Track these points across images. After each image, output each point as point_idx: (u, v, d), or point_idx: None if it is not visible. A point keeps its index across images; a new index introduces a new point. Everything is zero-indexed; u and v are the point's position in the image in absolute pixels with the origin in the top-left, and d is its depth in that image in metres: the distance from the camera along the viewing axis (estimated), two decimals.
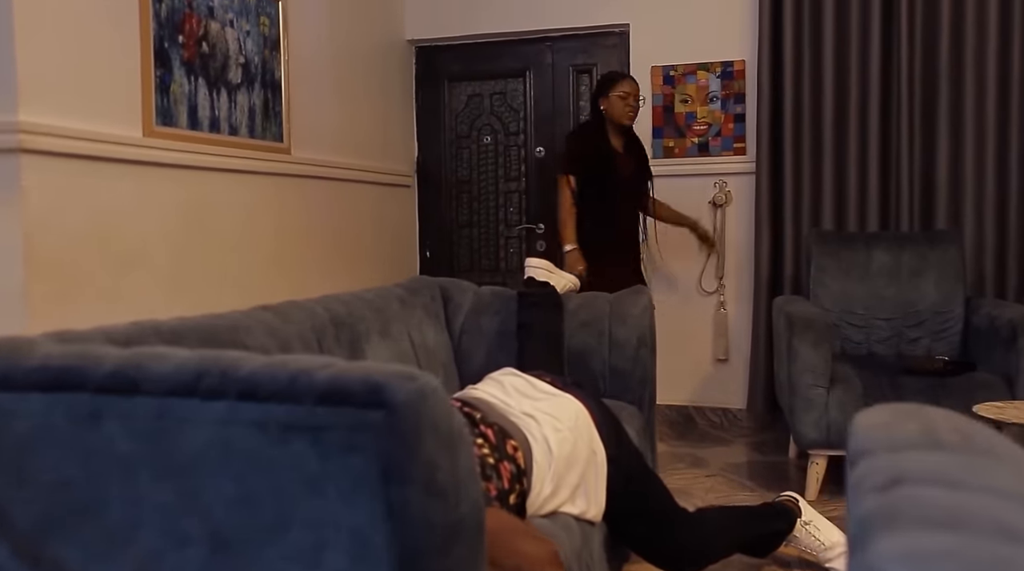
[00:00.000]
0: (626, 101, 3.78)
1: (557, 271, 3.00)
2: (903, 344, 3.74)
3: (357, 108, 4.47)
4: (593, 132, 3.87)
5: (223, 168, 3.41)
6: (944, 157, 4.07)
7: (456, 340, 3.02)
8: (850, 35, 4.19)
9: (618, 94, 3.78)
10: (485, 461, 1.76)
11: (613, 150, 3.81)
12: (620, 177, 3.78)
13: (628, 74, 3.96)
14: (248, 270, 3.54)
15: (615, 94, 3.78)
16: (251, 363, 1.27)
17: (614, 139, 3.83)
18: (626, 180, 3.80)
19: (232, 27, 3.49)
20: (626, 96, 3.78)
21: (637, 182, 3.87)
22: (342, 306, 2.48)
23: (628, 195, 3.84)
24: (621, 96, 3.78)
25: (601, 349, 2.86)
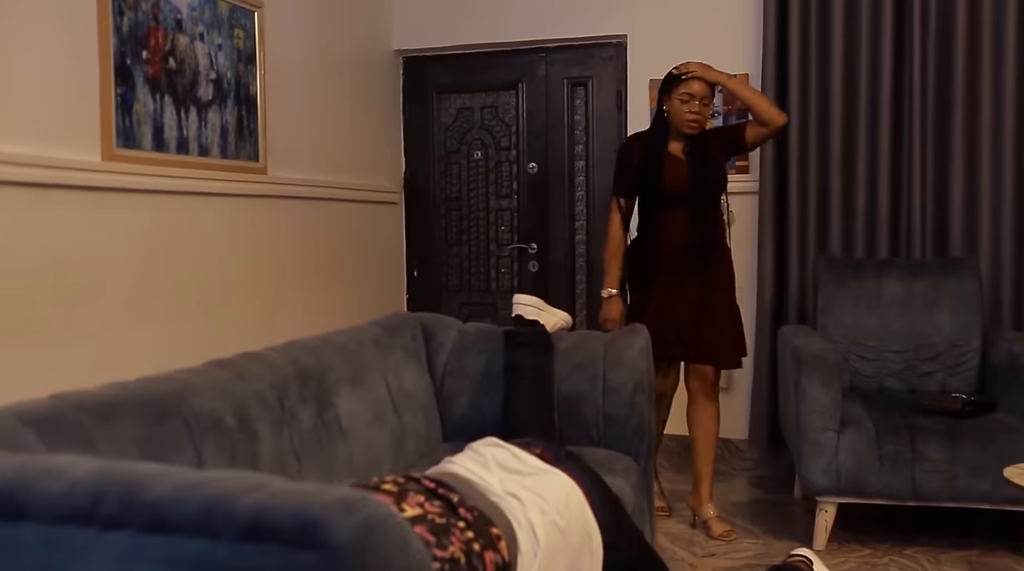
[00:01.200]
0: (689, 105, 3.16)
1: (547, 308, 2.78)
2: (916, 378, 3.52)
3: (340, 123, 4.25)
4: (643, 137, 3.35)
5: (192, 191, 3.19)
6: (959, 178, 3.86)
7: (438, 382, 2.80)
8: (860, 47, 3.97)
9: (680, 96, 3.19)
10: (471, 547, 1.54)
11: (664, 156, 3.22)
12: (667, 187, 3.19)
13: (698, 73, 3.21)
14: (220, 300, 3.32)
15: (677, 96, 3.19)
16: (160, 484, 1.05)
17: (674, 144, 3.25)
18: (677, 190, 3.18)
19: (202, 41, 3.27)
20: (689, 99, 3.17)
21: (697, 192, 3.19)
22: (308, 355, 2.25)
23: (680, 207, 3.19)
24: (683, 99, 3.18)
25: (594, 394, 2.64)
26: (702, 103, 3.19)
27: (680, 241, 3.20)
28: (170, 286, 3.06)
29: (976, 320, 3.51)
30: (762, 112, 3.18)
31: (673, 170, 3.20)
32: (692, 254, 3.20)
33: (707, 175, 3.21)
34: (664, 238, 3.23)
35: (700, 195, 3.20)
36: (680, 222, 3.20)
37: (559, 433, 2.65)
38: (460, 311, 4.85)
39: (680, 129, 3.21)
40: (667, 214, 3.22)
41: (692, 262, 3.20)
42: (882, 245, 3.94)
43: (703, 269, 3.22)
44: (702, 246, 3.20)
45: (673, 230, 3.21)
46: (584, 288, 4.67)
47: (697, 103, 3.17)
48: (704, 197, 3.22)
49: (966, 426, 3.00)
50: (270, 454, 1.92)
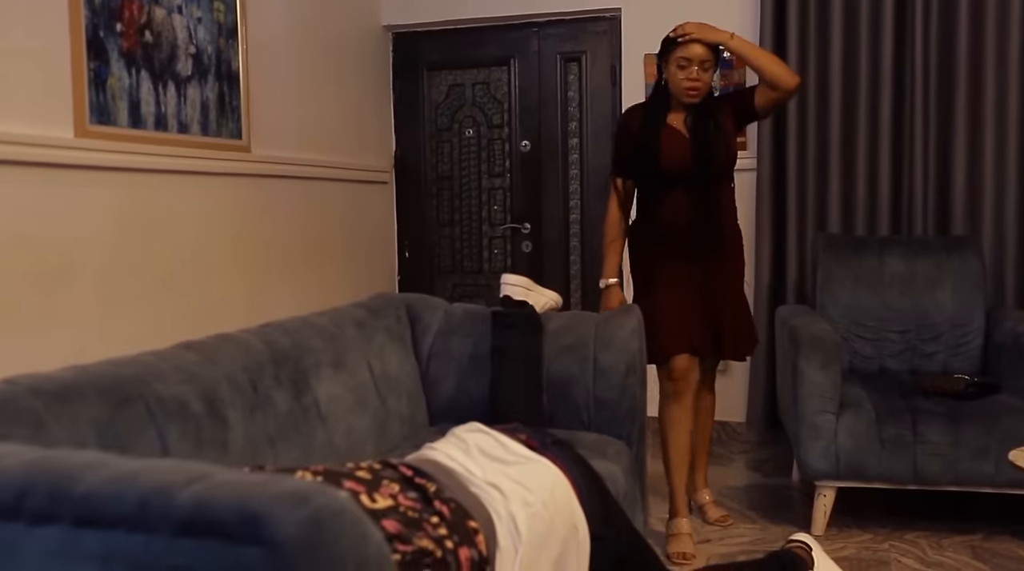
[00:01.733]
0: (686, 71, 2.81)
1: (536, 288, 2.68)
2: (917, 359, 3.43)
3: (327, 100, 4.14)
4: (640, 108, 3.02)
5: (171, 170, 3.09)
6: (962, 154, 3.76)
7: (424, 365, 2.71)
8: (860, 17, 3.86)
9: (676, 62, 2.83)
10: (444, 545, 1.45)
11: (662, 130, 2.87)
12: (665, 164, 2.85)
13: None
14: (201, 283, 3.22)
15: (673, 61, 2.84)
16: (94, 476, 0.96)
17: (674, 116, 2.90)
18: (676, 167, 2.84)
19: (180, 14, 3.16)
20: (686, 65, 2.80)
21: (699, 169, 2.85)
22: (285, 337, 2.16)
23: (680, 187, 2.86)
24: (680, 65, 2.82)
25: (585, 377, 2.55)
26: (701, 68, 2.82)
27: (681, 225, 2.87)
28: (148, 268, 2.97)
29: (979, 299, 3.41)
30: (770, 73, 2.81)
31: (672, 145, 2.85)
32: (696, 239, 2.87)
33: (710, 150, 2.84)
34: (664, 221, 2.90)
35: (702, 173, 2.84)
36: (681, 203, 2.86)
37: (548, 416, 2.56)
38: (453, 292, 4.77)
39: (679, 98, 2.87)
40: (667, 194, 2.88)
41: (696, 248, 2.88)
42: (883, 223, 3.84)
43: (709, 255, 2.90)
44: (706, 230, 2.87)
45: (673, 213, 2.88)
46: (578, 268, 4.57)
47: (695, 68, 2.81)
48: (706, 175, 2.85)
49: (969, 408, 2.91)
50: (241, 439, 1.83)
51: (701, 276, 2.90)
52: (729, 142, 2.91)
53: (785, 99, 2.97)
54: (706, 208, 2.88)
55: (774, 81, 2.82)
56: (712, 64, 2.87)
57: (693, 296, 2.89)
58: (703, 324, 2.91)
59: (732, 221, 3.01)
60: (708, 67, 2.85)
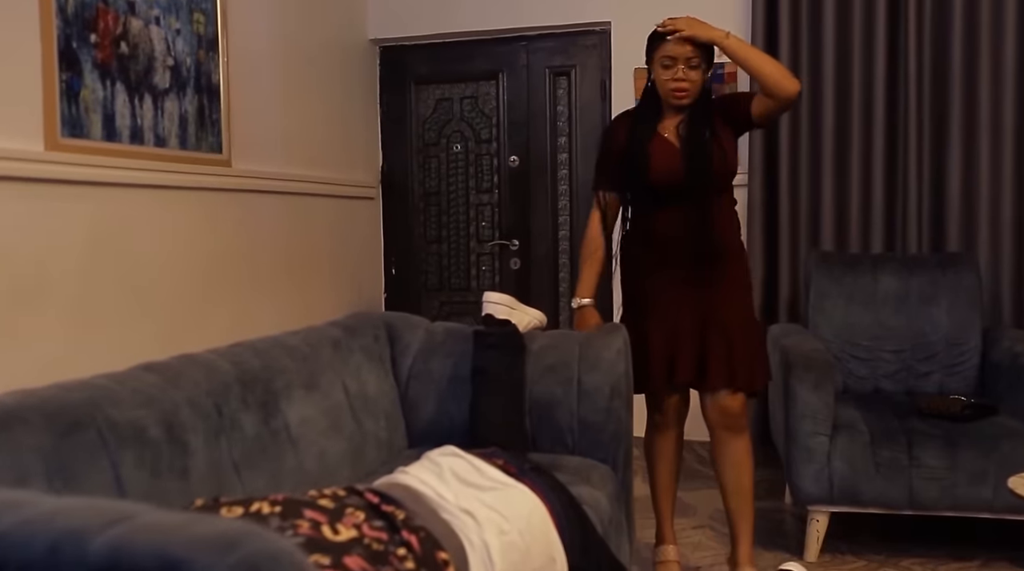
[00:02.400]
0: (671, 71, 2.52)
1: (520, 306, 2.60)
2: (912, 379, 3.35)
3: (312, 114, 4.07)
4: (628, 116, 2.75)
5: (147, 184, 3.01)
6: (956, 169, 3.69)
7: (403, 386, 2.62)
8: (853, 31, 3.81)
9: (660, 60, 2.55)
10: None
11: (651, 140, 2.58)
12: (655, 179, 2.57)
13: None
14: (179, 302, 3.14)
15: (658, 60, 2.56)
16: (5, 518, 0.87)
17: (666, 123, 2.61)
18: (667, 181, 2.55)
19: (158, 25, 3.09)
20: (671, 64, 2.52)
21: (692, 184, 2.54)
22: (255, 357, 2.08)
23: (674, 203, 2.57)
24: (664, 64, 2.53)
25: (568, 399, 2.46)
26: (688, 66, 2.51)
27: (674, 244, 2.59)
28: (122, 286, 2.88)
29: (975, 318, 3.34)
30: (768, 78, 2.47)
31: (662, 157, 2.56)
32: (690, 259, 2.58)
33: (705, 160, 2.53)
34: (655, 240, 2.62)
35: (696, 186, 2.54)
36: (673, 220, 2.58)
37: (531, 440, 2.48)
38: (440, 310, 4.68)
39: (666, 100, 2.58)
40: (658, 211, 2.61)
41: (691, 270, 2.58)
42: (876, 240, 3.77)
43: (706, 278, 2.59)
44: (702, 250, 2.56)
45: (665, 230, 2.60)
46: (567, 286, 4.50)
47: (681, 67, 2.51)
48: (702, 190, 2.55)
49: (966, 430, 2.83)
50: (203, 466, 1.74)
51: (696, 301, 2.59)
52: (727, 150, 2.58)
53: (785, 108, 2.64)
54: (702, 225, 2.56)
55: (773, 87, 2.48)
56: (702, 61, 2.55)
57: (687, 323, 2.58)
58: (695, 355, 2.59)
59: (733, 239, 2.67)
60: (696, 64, 2.53)
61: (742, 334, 2.59)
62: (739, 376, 2.57)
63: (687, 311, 2.59)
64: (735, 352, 2.57)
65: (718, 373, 2.56)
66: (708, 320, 2.58)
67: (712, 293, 2.59)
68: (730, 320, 2.58)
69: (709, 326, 2.58)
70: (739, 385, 2.57)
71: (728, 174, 2.62)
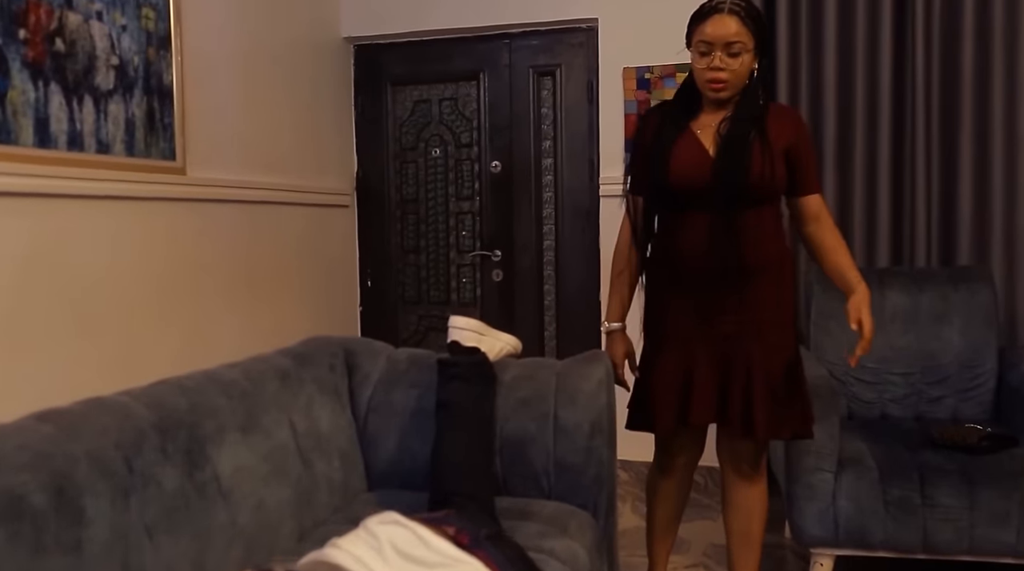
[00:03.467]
0: (708, 59, 2.16)
1: (491, 332, 2.34)
2: (923, 405, 3.10)
3: (278, 117, 3.80)
4: (660, 108, 2.39)
5: (88, 194, 2.74)
6: (967, 178, 3.43)
7: (362, 421, 2.36)
8: (856, 30, 3.54)
9: (697, 45, 2.19)
10: None
11: (679, 137, 2.24)
12: (674, 181, 2.22)
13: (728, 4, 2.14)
14: (124, 323, 2.87)
15: (695, 44, 2.20)
16: None
17: (704, 119, 2.26)
18: (690, 186, 2.21)
19: (100, 20, 2.82)
20: (707, 50, 2.16)
21: (720, 191, 2.17)
22: (180, 397, 1.81)
23: (698, 212, 2.22)
24: (701, 50, 2.18)
25: (544, 437, 2.21)
26: (728, 52, 2.13)
27: (696, 261, 2.24)
28: (61, 308, 2.62)
29: (991, 337, 3.08)
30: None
31: (686, 158, 2.21)
32: (716, 281, 2.22)
33: (737, 166, 2.16)
34: (677, 255, 2.28)
35: (725, 196, 2.17)
36: (698, 233, 2.22)
37: (502, 482, 2.22)
38: (419, 325, 4.43)
39: (703, 92, 2.24)
40: (682, 221, 2.26)
41: (716, 293, 2.24)
42: (882, 253, 3.51)
43: (734, 303, 2.23)
44: (728, 269, 2.20)
45: (688, 244, 2.25)
46: (553, 299, 4.23)
47: (718, 54, 2.14)
48: (730, 199, 2.17)
49: (984, 464, 2.57)
50: (104, 535, 1.47)
51: (718, 330, 2.24)
52: (775, 160, 2.18)
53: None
54: (730, 241, 2.18)
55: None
56: (747, 47, 2.14)
57: (704, 356, 2.26)
58: (714, 393, 2.26)
59: (769, 259, 2.25)
60: (739, 51, 2.14)
61: (769, 375, 2.23)
62: (760, 423, 2.21)
63: (706, 342, 2.26)
64: (757, 395, 2.21)
65: (736, 418, 2.24)
66: (731, 355, 2.25)
67: (738, 323, 2.24)
68: (757, 357, 2.23)
69: (732, 362, 2.24)
70: (760, 434, 2.23)
71: (769, 185, 2.20)
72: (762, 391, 2.22)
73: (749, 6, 2.18)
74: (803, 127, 2.30)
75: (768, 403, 2.22)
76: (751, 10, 2.17)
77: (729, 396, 2.25)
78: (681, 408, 2.29)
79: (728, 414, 2.25)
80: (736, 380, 2.24)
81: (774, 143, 2.19)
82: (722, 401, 2.26)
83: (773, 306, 2.27)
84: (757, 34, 2.17)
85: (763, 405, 2.22)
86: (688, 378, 2.28)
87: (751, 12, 2.17)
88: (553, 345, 4.23)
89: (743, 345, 2.24)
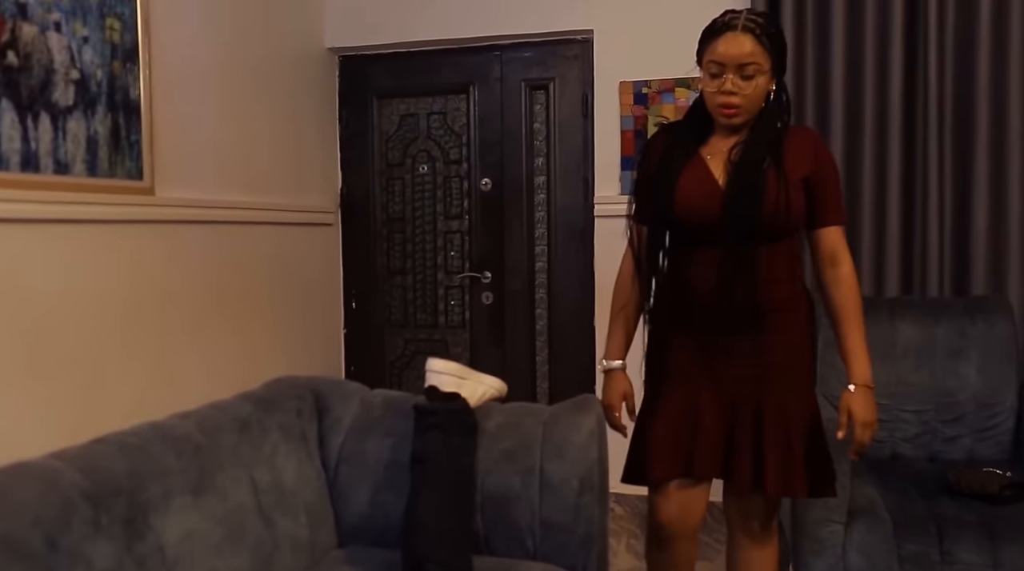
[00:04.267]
0: (719, 80, 1.97)
1: (472, 375, 2.14)
2: (937, 444, 2.91)
3: (256, 132, 3.61)
4: (669, 130, 2.18)
5: (44, 218, 2.55)
6: (983, 201, 3.25)
7: (332, 471, 2.17)
8: (865, 44, 3.37)
9: (707, 67, 1.99)
10: None
11: (687, 163, 2.05)
12: (680, 211, 2.03)
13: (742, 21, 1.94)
14: (82, 357, 2.67)
15: (704, 66, 2.01)
16: None
17: (716, 143, 2.06)
18: (697, 216, 2.01)
19: (58, 32, 2.63)
20: (719, 72, 1.96)
21: (730, 223, 1.97)
22: (120, 459, 1.62)
23: (708, 245, 2.02)
24: (712, 72, 1.98)
25: (529, 493, 2.01)
26: (741, 74, 1.95)
27: (703, 298, 2.04)
28: (10, 342, 2.42)
29: (1010, 373, 2.90)
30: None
31: (693, 186, 2.02)
32: (725, 320, 2.02)
33: (749, 198, 1.95)
34: (684, 291, 2.09)
35: (736, 230, 1.96)
36: (706, 272, 2.03)
37: (483, 542, 2.03)
38: (405, 349, 4.23)
39: (715, 117, 2.04)
40: (691, 254, 2.07)
41: (724, 335, 2.04)
42: (892, 280, 3.33)
43: (745, 345, 2.03)
44: (739, 308, 1.99)
45: (695, 280, 2.05)
46: (545, 323, 4.04)
47: (730, 77, 1.95)
48: (742, 234, 1.97)
49: (1006, 515, 2.39)
50: None
51: (727, 372, 2.05)
52: (792, 191, 1.96)
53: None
54: (742, 279, 1.98)
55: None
56: (763, 68, 1.95)
57: (710, 403, 2.06)
58: (721, 444, 2.05)
59: (784, 300, 2.05)
60: (754, 73, 1.94)
61: (783, 425, 2.02)
62: (771, 477, 2.00)
63: (714, 387, 2.06)
64: (768, 447, 2.00)
65: (743, 473, 2.02)
66: (740, 402, 2.04)
67: (748, 367, 2.04)
68: (769, 406, 2.02)
69: (741, 409, 2.04)
70: (771, 489, 2.00)
71: (784, 222, 1.98)
72: (773, 442, 2.01)
73: (767, 22, 1.98)
74: (824, 152, 2.08)
75: (780, 456, 2.00)
76: (768, 27, 1.97)
77: (736, 447, 2.04)
78: (685, 457, 2.08)
79: (735, 466, 2.04)
80: (744, 430, 2.03)
81: (791, 172, 1.98)
82: (728, 452, 2.05)
83: (788, 352, 2.06)
84: (775, 53, 1.97)
85: (774, 457, 2.00)
86: (693, 425, 2.07)
87: (768, 29, 1.96)
88: (545, 371, 4.04)
89: (754, 392, 2.03)
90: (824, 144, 2.13)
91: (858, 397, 2.00)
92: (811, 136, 2.11)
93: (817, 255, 2.12)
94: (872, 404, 2.01)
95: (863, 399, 2.00)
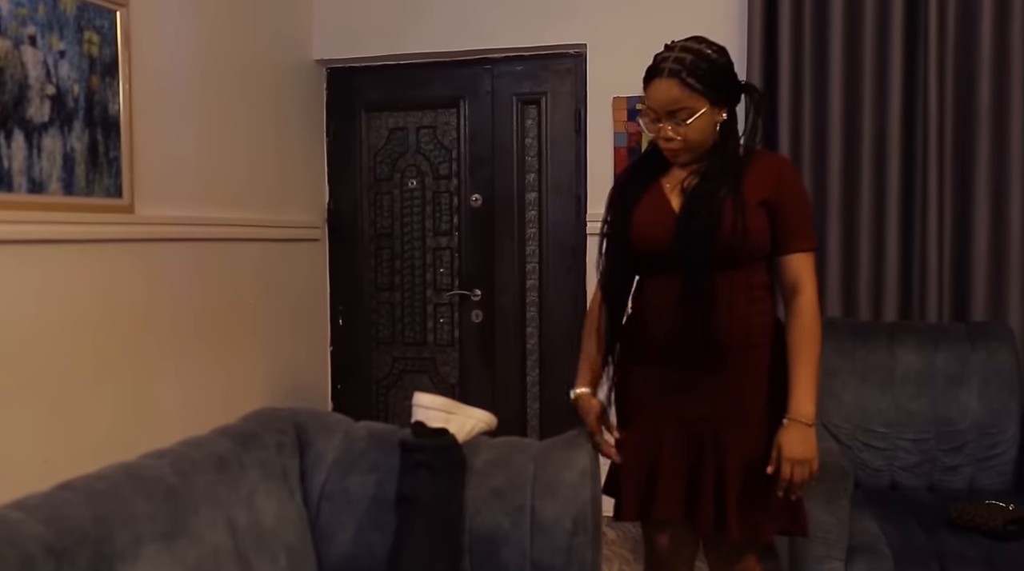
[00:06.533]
0: (657, 126, 1.95)
1: (461, 409, 2.06)
2: (937, 474, 2.85)
3: (241, 147, 3.52)
4: (636, 162, 2.19)
5: (15, 239, 2.46)
6: (983, 223, 3.19)
7: (314, 509, 2.07)
8: (863, 63, 3.31)
9: (645, 112, 1.99)
10: None
11: (643, 193, 2.03)
12: (635, 240, 2.01)
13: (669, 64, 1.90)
14: (49, 385, 2.57)
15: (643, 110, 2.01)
16: None
17: (675, 174, 2.02)
18: (652, 246, 1.98)
19: (33, 46, 2.54)
20: (655, 117, 1.95)
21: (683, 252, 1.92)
22: (85, 507, 1.53)
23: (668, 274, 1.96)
24: (649, 117, 1.97)
25: (519, 534, 1.93)
26: (669, 117, 1.91)
27: (664, 329, 1.98)
28: None
29: (1012, 401, 2.84)
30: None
31: (648, 215, 1.99)
32: (688, 354, 1.95)
33: (702, 225, 1.90)
34: (647, 321, 2.04)
35: (692, 256, 1.91)
36: (665, 303, 1.97)
37: None
38: (393, 367, 4.14)
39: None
40: (650, 284, 2.04)
41: (685, 369, 1.97)
42: (890, 305, 3.26)
43: (709, 379, 1.96)
44: (701, 341, 1.92)
45: (656, 310, 2.00)
46: (536, 342, 3.96)
47: (660, 119, 1.93)
48: (699, 261, 1.91)
49: (1010, 552, 2.32)
50: None
51: (691, 409, 1.98)
52: (749, 218, 1.90)
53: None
54: (701, 309, 1.91)
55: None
56: (695, 110, 1.89)
57: (671, 440, 1.99)
58: (680, 480, 1.99)
59: (752, 333, 1.96)
60: (687, 117, 1.90)
61: (747, 468, 1.94)
62: (732, 522, 1.92)
63: (676, 424, 1.99)
64: (729, 490, 1.93)
65: (705, 514, 1.95)
66: (703, 441, 1.97)
67: (713, 406, 1.96)
68: (733, 447, 1.94)
69: (703, 448, 1.97)
70: (734, 534, 1.93)
71: (743, 248, 1.91)
72: (735, 486, 1.93)
73: (693, 61, 1.89)
74: (788, 174, 2.00)
75: (743, 500, 1.93)
76: (696, 66, 1.89)
77: (700, 487, 1.96)
78: (645, 498, 2.01)
79: (698, 505, 1.96)
80: (707, 470, 1.96)
81: (749, 195, 1.91)
82: (692, 491, 1.98)
83: (757, 390, 1.97)
84: (710, 89, 1.90)
85: (735, 501, 1.93)
86: (654, 463, 2.01)
87: (696, 69, 1.89)
88: (536, 391, 3.96)
89: (718, 431, 1.96)
90: (793, 169, 2.06)
91: (790, 433, 1.90)
92: (777, 160, 2.05)
93: (781, 283, 2.02)
94: (809, 441, 1.90)
95: (796, 435, 1.90)
